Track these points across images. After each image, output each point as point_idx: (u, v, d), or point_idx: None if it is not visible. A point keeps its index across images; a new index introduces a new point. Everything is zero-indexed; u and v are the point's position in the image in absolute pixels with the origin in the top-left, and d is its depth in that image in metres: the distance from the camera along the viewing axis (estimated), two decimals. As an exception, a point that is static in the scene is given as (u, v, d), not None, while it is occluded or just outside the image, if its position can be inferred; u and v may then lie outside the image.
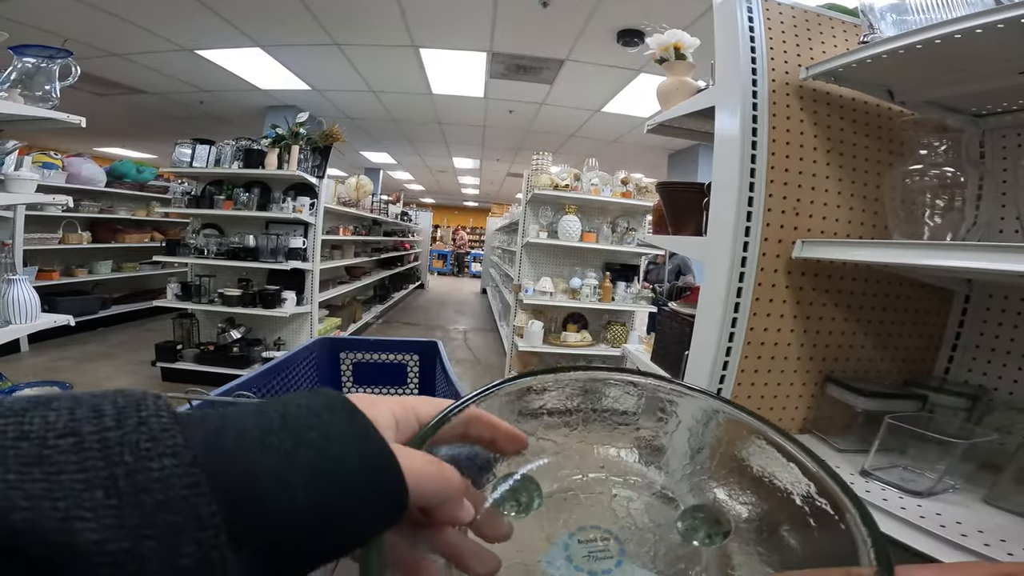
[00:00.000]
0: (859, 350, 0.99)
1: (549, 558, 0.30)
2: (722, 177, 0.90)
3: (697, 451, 0.35)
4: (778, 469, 0.31)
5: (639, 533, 0.31)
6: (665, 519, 0.32)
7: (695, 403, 0.36)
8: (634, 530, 0.32)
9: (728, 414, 0.34)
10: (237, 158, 3.47)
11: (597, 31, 3.34)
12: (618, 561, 0.30)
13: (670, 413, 0.36)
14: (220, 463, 0.18)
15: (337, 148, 3.79)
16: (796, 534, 0.29)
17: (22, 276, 1.67)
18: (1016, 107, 0.88)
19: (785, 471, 0.31)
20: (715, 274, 0.90)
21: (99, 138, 8.13)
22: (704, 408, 0.36)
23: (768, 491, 0.31)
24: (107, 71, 4.56)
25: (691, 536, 0.31)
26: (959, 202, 0.75)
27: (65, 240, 4.33)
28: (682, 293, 3.66)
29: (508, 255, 5.74)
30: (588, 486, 0.34)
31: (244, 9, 3.35)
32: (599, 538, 0.31)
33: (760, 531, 0.30)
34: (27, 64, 1.55)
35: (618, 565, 0.30)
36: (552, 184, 3.29)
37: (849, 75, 0.84)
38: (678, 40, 1.22)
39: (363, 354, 1.76)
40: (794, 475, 0.30)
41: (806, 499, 0.29)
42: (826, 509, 0.27)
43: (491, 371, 4.46)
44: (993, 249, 0.58)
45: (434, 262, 14.08)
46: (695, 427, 0.36)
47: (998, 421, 0.84)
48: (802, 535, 0.29)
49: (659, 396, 0.36)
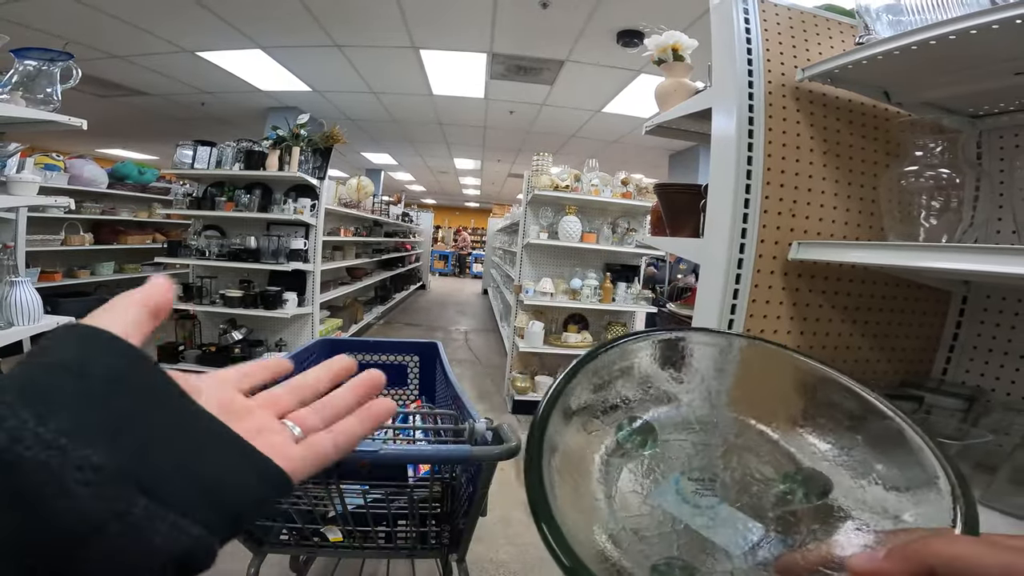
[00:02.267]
0: (856, 351, 0.98)
1: (661, 491, 0.35)
2: (718, 178, 0.90)
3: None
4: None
5: (743, 483, 0.36)
6: (769, 474, 0.36)
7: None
8: (739, 480, 0.36)
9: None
10: (238, 159, 3.48)
11: (597, 32, 3.34)
12: (720, 500, 0.34)
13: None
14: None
15: (338, 149, 3.80)
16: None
17: (24, 278, 1.68)
18: (1013, 108, 0.87)
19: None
20: (711, 276, 0.90)
21: (101, 140, 8.17)
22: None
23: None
24: (109, 73, 4.58)
25: (789, 492, 0.35)
26: (955, 203, 0.75)
27: (68, 242, 4.35)
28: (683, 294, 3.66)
29: (509, 256, 5.74)
30: (703, 439, 0.40)
31: (245, 11, 3.36)
32: (707, 479, 0.36)
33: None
34: (28, 67, 1.56)
35: (720, 504, 0.34)
36: (552, 185, 3.29)
37: (845, 76, 0.84)
38: (676, 41, 1.22)
39: (363, 355, 1.77)
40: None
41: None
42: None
43: (492, 372, 4.47)
44: (989, 251, 0.58)
45: (435, 263, 14.10)
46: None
47: (995, 422, 0.84)
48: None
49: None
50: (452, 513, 1.00)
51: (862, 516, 0.31)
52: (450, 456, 0.83)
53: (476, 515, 0.97)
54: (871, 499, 0.33)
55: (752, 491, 0.35)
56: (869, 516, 0.31)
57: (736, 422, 0.41)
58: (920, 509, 0.30)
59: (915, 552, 0.22)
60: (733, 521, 0.33)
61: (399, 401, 1.77)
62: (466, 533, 1.01)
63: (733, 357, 0.46)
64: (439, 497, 0.97)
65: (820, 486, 0.34)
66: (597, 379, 0.40)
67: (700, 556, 0.31)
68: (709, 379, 0.44)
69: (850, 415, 0.38)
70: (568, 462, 0.34)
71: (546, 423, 0.32)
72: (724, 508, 0.34)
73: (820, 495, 0.34)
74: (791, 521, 0.33)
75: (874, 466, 0.35)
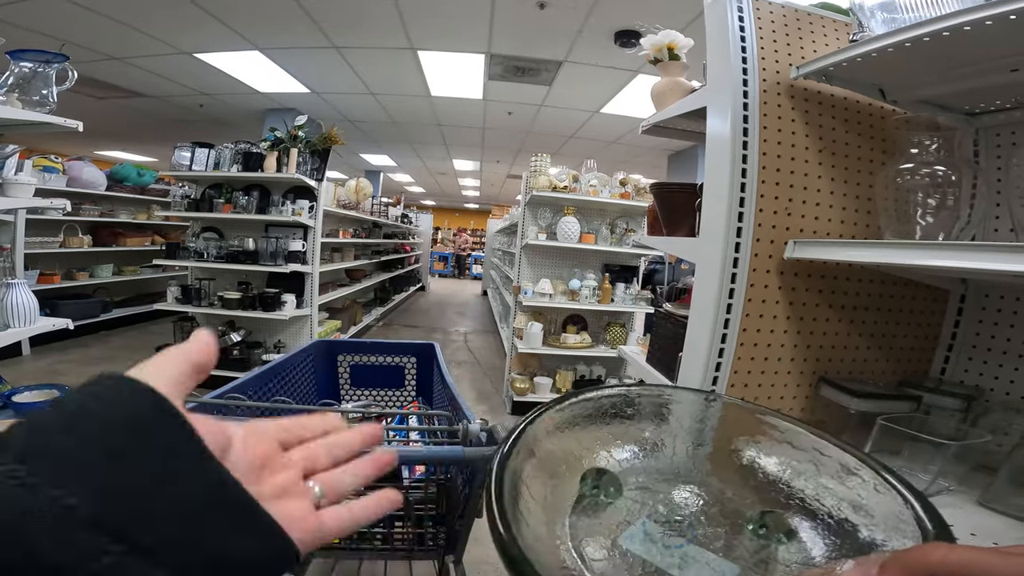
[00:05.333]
0: (853, 351, 0.98)
1: (628, 534, 0.36)
2: (714, 177, 0.90)
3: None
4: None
5: (709, 525, 0.37)
6: (734, 516, 0.38)
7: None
8: (704, 522, 0.38)
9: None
10: (236, 161, 3.48)
11: (594, 32, 3.34)
12: (689, 540, 0.36)
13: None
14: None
15: (336, 151, 3.80)
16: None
17: (21, 280, 1.68)
18: (1010, 105, 0.87)
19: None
20: (707, 275, 0.90)
21: (99, 141, 8.17)
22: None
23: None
24: (106, 75, 4.59)
25: (757, 533, 0.36)
26: (951, 201, 0.74)
27: (66, 244, 4.35)
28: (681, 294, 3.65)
29: (508, 257, 5.74)
30: (670, 486, 0.41)
31: (242, 13, 3.36)
32: (674, 520, 0.38)
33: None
34: (24, 69, 1.56)
35: (688, 544, 0.35)
36: (551, 185, 3.29)
37: (840, 74, 0.84)
38: (672, 40, 1.22)
39: (360, 356, 1.77)
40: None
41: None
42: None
43: (492, 373, 4.46)
44: (987, 248, 0.57)
45: (435, 264, 14.09)
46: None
47: (994, 422, 0.84)
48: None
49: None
50: (448, 514, 0.99)
51: (835, 544, 0.32)
52: (443, 457, 0.83)
53: (472, 516, 0.96)
54: (840, 528, 0.34)
55: (720, 532, 0.36)
56: (843, 542, 0.32)
57: (702, 469, 0.42)
58: (889, 533, 0.31)
59: (915, 561, 0.21)
60: (704, 561, 0.33)
61: (396, 403, 1.77)
62: (463, 534, 1.01)
63: (706, 413, 0.49)
64: (435, 498, 0.97)
65: (786, 527, 0.35)
66: (565, 425, 0.41)
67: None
68: (680, 432, 0.46)
69: (809, 460, 0.40)
70: (535, 503, 0.34)
71: (507, 460, 0.33)
72: (693, 548, 0.34)
73: (788, 535, 0.35)
74: (764, 561, 0.33)
75: (843, 499, 0.35)
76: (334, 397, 1.71)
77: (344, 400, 1.73)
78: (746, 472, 0.41)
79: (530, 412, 0.40)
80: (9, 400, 1.64)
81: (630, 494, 0.40)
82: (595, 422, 0.44)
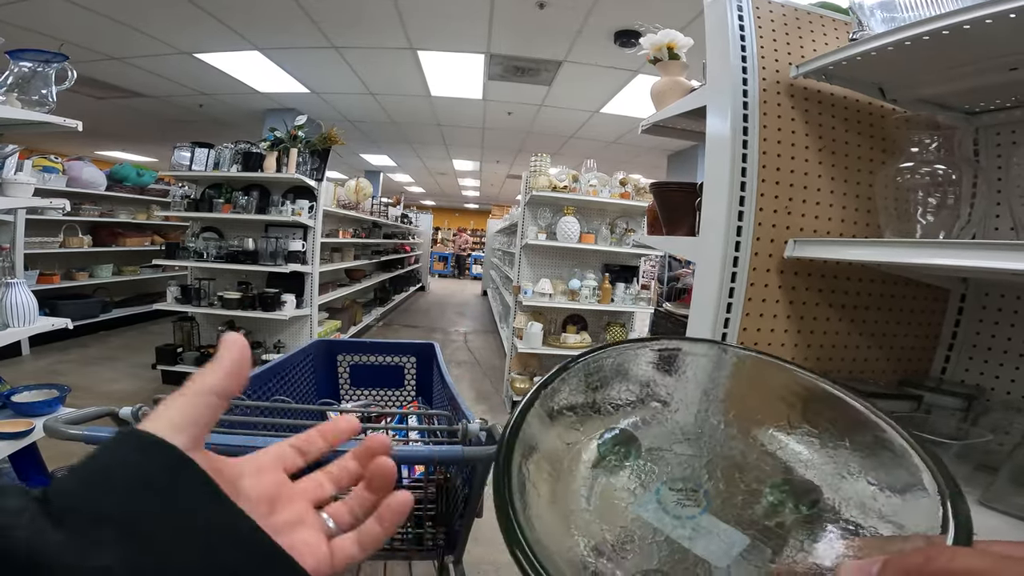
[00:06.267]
0: (854, 350, 0.98)
1: (641, 502, 0.34)
2: (713, 176, 0.90)
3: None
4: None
5: (728, 493, 0.36)
6: (757, 484, 0.36)
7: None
8: (724, 490, 0.36)
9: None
10: (236, 161, 3.48)
11: (594, 32, 3.34)
12: (703, 510, 0.34)
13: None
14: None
15: (336, 151, 3.80)
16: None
17: (20, 280, 1.67)
18: (1010, 104, 0.87)
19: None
20: (707, 274, 0.90)
21: (99, 141, 8.17)
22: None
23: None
24: (106, 75, 4.59)
25: (778, 503, 0.34)
26: (952, 200, 0.74)
27: (66, 244, 4.35)
28: (681, 294, 3.65)
29: (508, 257, 5.74)
30: (689, 449, 0.39)
31: (242, 13, 3.36)
32: (689, 489, 0.36)
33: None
34: (23, 68, 1.56)
35: (702, 513, 0.34)
36: (551, 185, 3.29)
37: (839, 73, 0.84)
38: (671, 40, 1.21)
39: (360, 356, 1.77)
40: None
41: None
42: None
43: (492, 373, 4.46)
44: (987, 247, 0.57)
45: (435, 264, 14.09)
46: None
47: (995, 421, 0.83)
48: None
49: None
50: (448, 514, 0.99)
51: (851, 520, 0.31)
52: (442, 457, 0.82)
53: (472, 516, 0.96)
54: (859, 501, 0.32)
55: (738, 501, 0.35)
56: (858, 519, 0.30)
57: (723, 432, 0.40)
58: (909, 511, 0.29)
59: (916, 567, 0.20)
60: (716, 532, 0.32)
61: (396, 403, 1.76)
62: (462, 535, 1.01)
63: (722, 367, 0.46)
64: (434, 498, 0.97)
65: (809, 495, 0.34)
66: (585, 382, 0.40)
67: (681, 569, 0.31)
68: (697, 389, 0.44)
69: (833, 421, 0.38)
70: (547, 465, 0.33)
71: (520, 424, 0.32)
72: (706, 518, 0.33)
73: (810, 505, 0.33)
74: (778, 532, 0.32)
75: (862, 470, 0.34)
76: (334, 397, 1.70)
77: (344, 400, 1.73)
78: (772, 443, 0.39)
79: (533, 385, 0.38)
80: (8, 400, 1.64)
81: (649, 456, 0.38)
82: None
